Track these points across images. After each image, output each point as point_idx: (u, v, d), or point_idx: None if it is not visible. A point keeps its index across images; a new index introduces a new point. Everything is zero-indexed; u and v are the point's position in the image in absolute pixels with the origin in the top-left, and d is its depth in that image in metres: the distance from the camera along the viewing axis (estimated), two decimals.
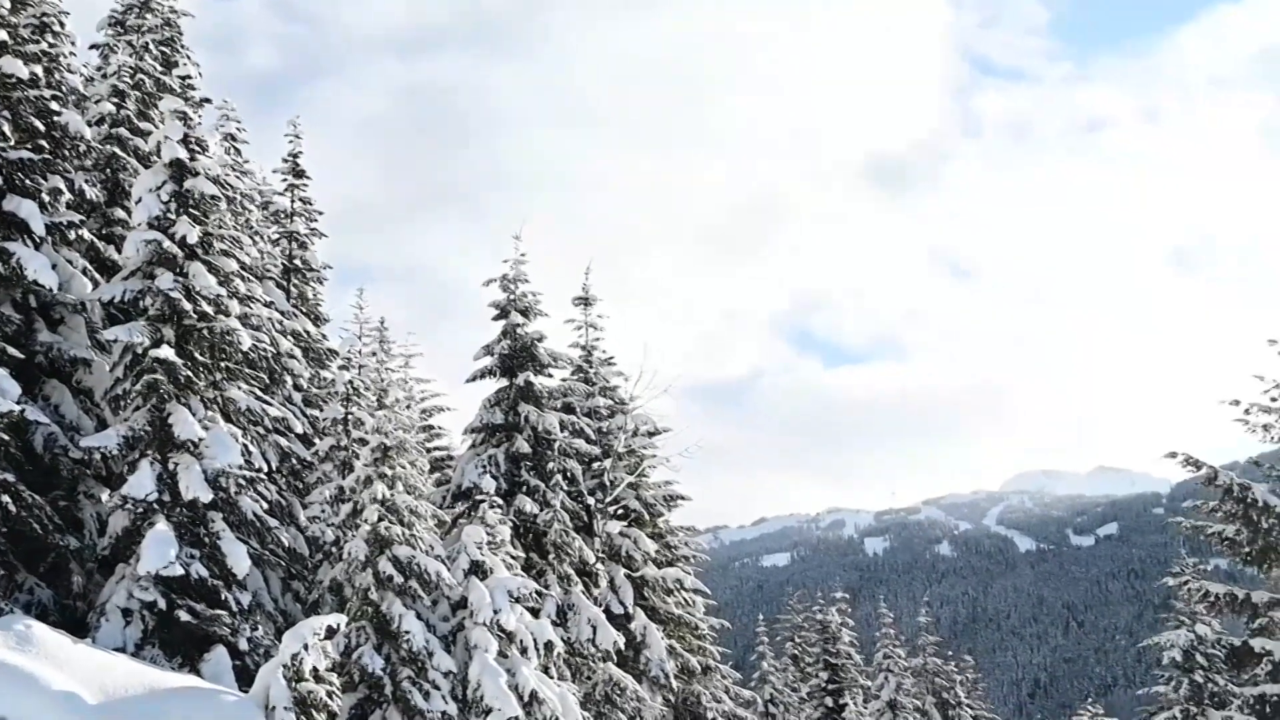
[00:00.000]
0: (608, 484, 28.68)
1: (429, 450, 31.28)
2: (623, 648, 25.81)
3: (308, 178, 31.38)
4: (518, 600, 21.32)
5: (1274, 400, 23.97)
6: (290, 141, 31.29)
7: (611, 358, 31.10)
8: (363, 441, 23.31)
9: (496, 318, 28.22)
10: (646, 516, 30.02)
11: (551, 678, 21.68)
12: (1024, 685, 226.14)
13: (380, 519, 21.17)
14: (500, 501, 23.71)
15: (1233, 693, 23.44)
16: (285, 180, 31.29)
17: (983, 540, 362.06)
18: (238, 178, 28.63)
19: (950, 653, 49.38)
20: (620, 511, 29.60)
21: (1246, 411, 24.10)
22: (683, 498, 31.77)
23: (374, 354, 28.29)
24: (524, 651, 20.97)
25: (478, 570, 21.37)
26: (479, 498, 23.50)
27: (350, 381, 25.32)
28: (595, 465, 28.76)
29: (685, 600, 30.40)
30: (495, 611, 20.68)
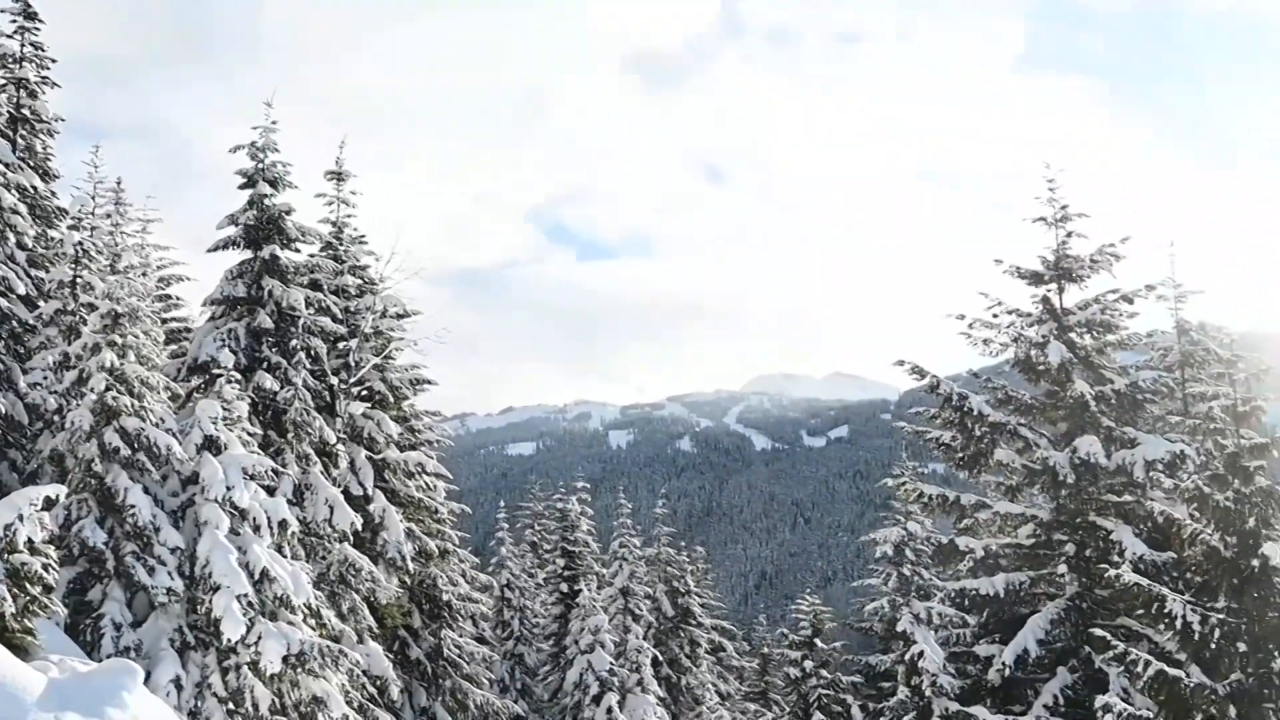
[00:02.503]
0: (353, 364, 28.16)
1: (165, 320, 30.01)
2: (360, 529, 25.59)
3: (41, 21, 29.02)
4: (253, 478, 20.82)
5: (995, 317, 25.46)
6: None
7: (363, 236, 30.34)
8: (91, 307, 22.17)
9: (243, 186, 27.00)
10: (391, 399, 29.69)
11: (285, 557, 21.33)
12: (751, 577, 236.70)
13: (108, 388, 20.24)
14: (239, 377, 22.96)
15: (936, 586, 25.12)
16: (15, 22, 28.85)
17: (722, 437, 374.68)
18: None
19: (684, 544, 50.95)
20: (364, 393, 29.16)
21: (970, 326, 25.55)
22: (429, 382, 31.53)
23: (108, 216, 26.86)
24: (257, 529, 20.54)
25: (211, 445, 20.72)
26: (216, 372, 22.70)
27: (80, 243, 23.93)
28: (341, 345, 28.16)
29: (427, 484, 30.31)
30: (228, 488, 20.15)
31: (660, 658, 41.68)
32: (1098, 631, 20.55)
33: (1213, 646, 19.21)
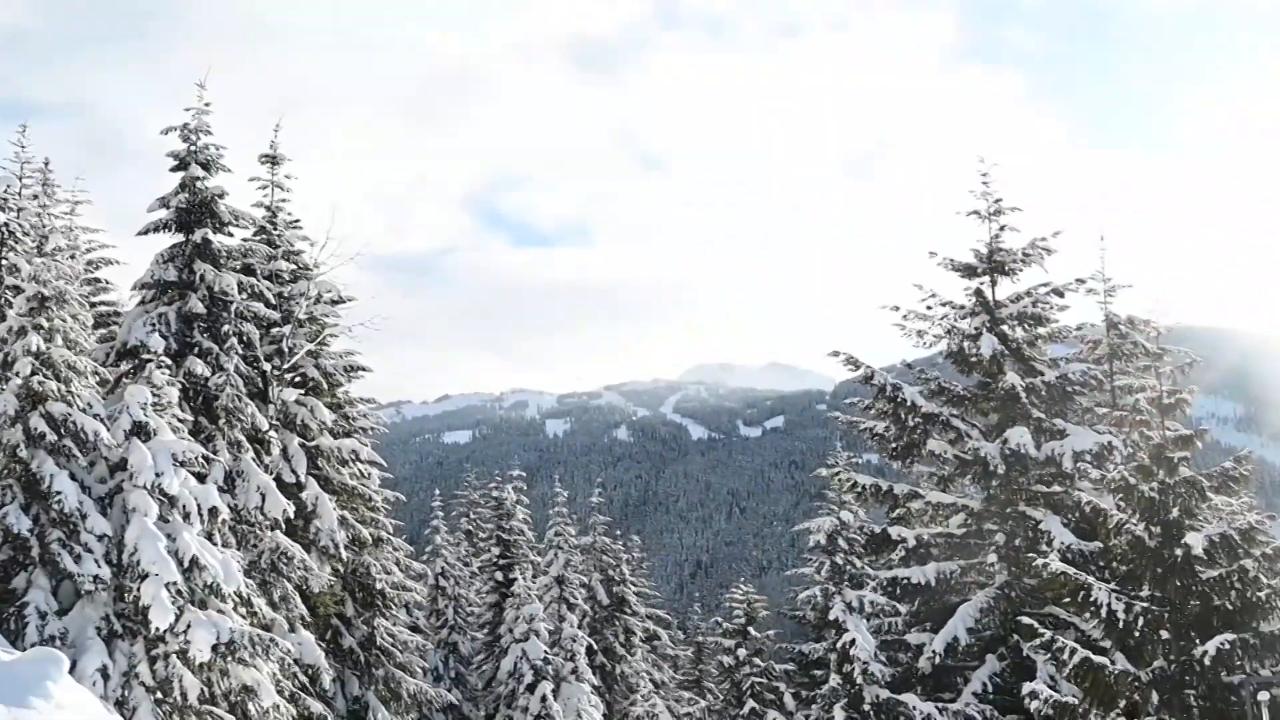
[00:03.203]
0: (286, 350, 27.84)
1: (94, 304, 29.44)
2: (293, 517, 25.33)
3: None
4: (183, 464, 20.54)
5: (929, 309, 25.75)
6: None
7: (297, 220, 29.95)
8: (17, 289, 21.73)
9: (175, 169, 26.57)
10: (325, 386, 29.39)
11: (215, 544, 21.09)
12: (687, 566, 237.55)
13: (34, 373, 19.88)
14: (169, 362, 22.64)
15: (869, 575, 25.36)
16: None
17: (659, 427, 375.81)
18: None
19: (619, 533, 50.99)
20: (298, 380, 28.86)
21: (905, 317, 25.83)
22: (364, 369, 31.24)
23: (35, 197, 26.36)
24: (187, 517, 20.27)
25: (140, 431, 20.42)
26: (146, 357, 22.37)
27: (6, 224, 23.43)
28: (274, 331, 27.82)
29: (361, 472, 30.06)
30: (157, 475, 19.86)
31: (595, 646, 41.71)
32: (1026, 620, 20.87)
33: (1136, 634, 19.58)
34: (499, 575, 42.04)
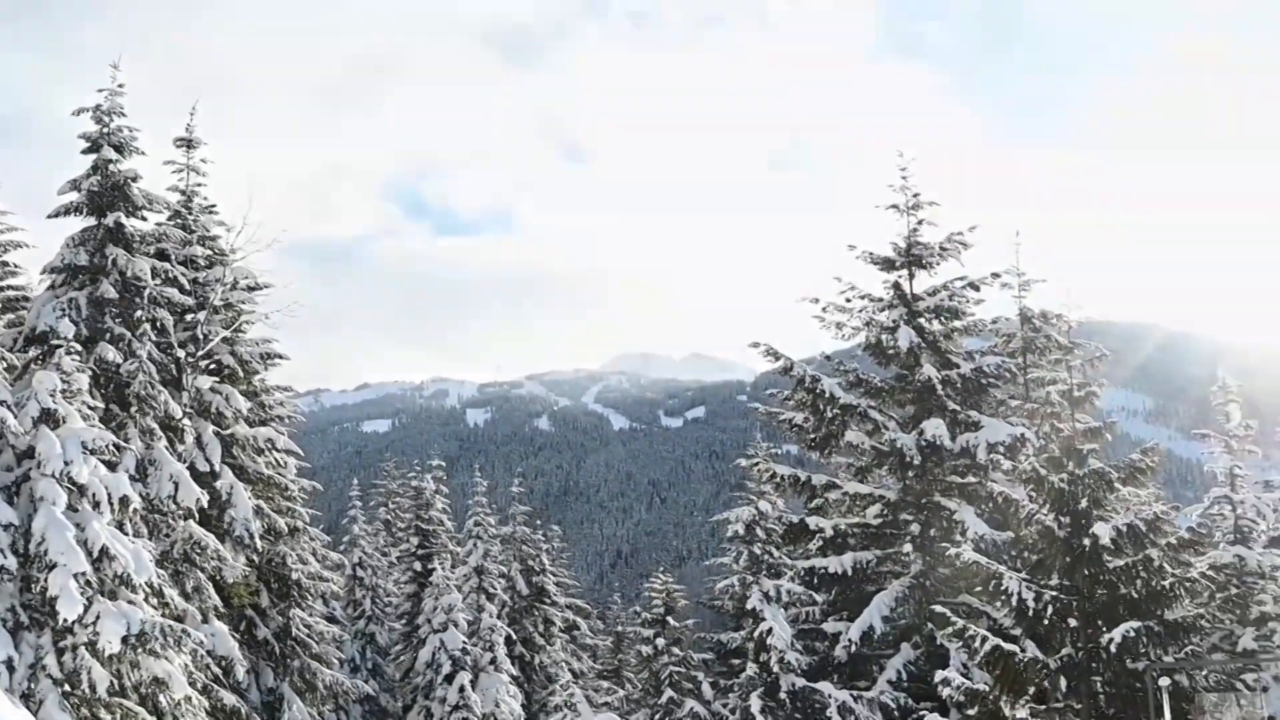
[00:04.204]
0: (201, 337, 27.40)
1: (1, 289, 28.80)
2: (206, 506, 24.96)
3: None
4: (93, 452, 20.13)
5: (848, 301, 25.99)
6: None
7: (213, 205, 29.51)
8: None
9: (87, 151, 26.02)
10: (241, 374, 28.99)
11: (127, 534, 20.71)
12: (607, 555, 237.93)
13: None
14: (79, 348, 22.16)
15: (786, 564, 25.56)
16: None
17: (580, 417, 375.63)
18: None
19: (540, 522, 51.03)
20: (213, 367, 28.43)
21: (824, 309, 26.04)
22: (281, 356, 30.86)
23: None
24: (96, 506, 19.88)
25: (49, 419, 19.98)
26: (55, 342, 21.91)
27: None
28: (189, 317, 27.40)
29: (277, 461, 29.71)
30: (66, 463, 19.45)
31: (514, 636, 41.65)
32: (939, 609, 21.18)
33: (1046, 622, 19.97)
34: (417, 565, 41.82)
